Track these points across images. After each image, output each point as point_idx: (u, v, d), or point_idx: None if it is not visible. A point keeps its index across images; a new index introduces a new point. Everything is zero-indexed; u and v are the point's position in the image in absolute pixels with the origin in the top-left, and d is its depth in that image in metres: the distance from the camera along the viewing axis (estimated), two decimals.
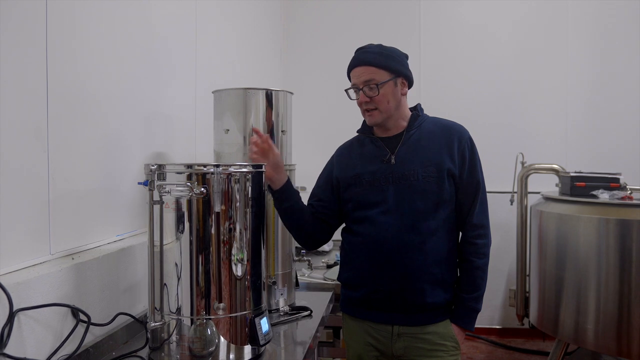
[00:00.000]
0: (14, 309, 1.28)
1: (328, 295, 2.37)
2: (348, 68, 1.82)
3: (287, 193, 1.83)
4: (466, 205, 1.78)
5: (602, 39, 4.48)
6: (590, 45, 4.50)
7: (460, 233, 1.83)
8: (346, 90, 1.82)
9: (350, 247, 1.84)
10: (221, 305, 1.53)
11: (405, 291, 1.72)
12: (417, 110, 1.87)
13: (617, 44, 4.45)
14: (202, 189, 1.50)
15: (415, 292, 1.72)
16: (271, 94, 2.09)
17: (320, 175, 1.96)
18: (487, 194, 1.85)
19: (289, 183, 1.85)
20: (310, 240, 1.94)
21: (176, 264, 1.53)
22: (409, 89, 1.82)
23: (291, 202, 1.84)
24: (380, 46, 1.79)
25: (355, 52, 1.82)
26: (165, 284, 1.54)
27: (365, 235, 1.76)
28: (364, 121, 1.86)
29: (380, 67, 1.73)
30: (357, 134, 1.93)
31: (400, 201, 1.72)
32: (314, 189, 1.96)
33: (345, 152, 1.91)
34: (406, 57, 1.83)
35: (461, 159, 1.76)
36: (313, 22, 4.82)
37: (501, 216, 4.14)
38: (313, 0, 4.81)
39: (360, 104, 1.78)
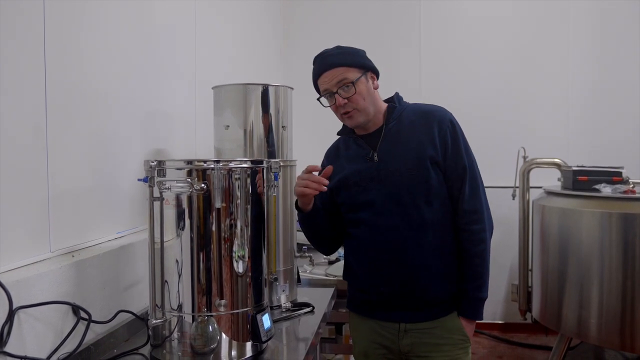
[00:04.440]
0: (14, 306, 1.27)
1: (330, 291, 2.36)
2: (314, 77, 1.76)
3: (314, 214, 1.81)
4: (455, 191, 1.72)
5: (604, 34, 4.46)
6: (591, 40, 4.47)
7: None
8: (318, 99, 1.77)
9: (350, 250, 1.83)
10: (222, 302, 1.53)
11: (409, 289, 1.70)
12: (393, 101, 1.81)
13: (618, 38, 4.43)
14: (203, 185, 1.49)
15: (419, 289, 1.70)
16: (271, 89, 2.08)
17: None
18: (489, 189, 1.82)
19: (316, 205, 1.81)
20: (327, 248, 1.96)
21: (177, 261, 1.52)
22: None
23: (317, 221, 1.83)
24: (339, 47, 1.76)
25: (315, 61, 1.77)
26: (166, 281, 1.53)
27: (361, 238, 1.75)
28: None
29: (348, 65, 1.69)
30: (337, 136, 1.90)
31: (388, 199, 1.69)
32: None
33: (331, 157, 1.88)
34: (364, 52, 1.80)
35: (443, 144, 1.70)
36: (313, 18, 4.80)
37: (503, 211, 4.12)
38: None
39: (336, 109, 1.72)
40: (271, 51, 4.49)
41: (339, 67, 1.69)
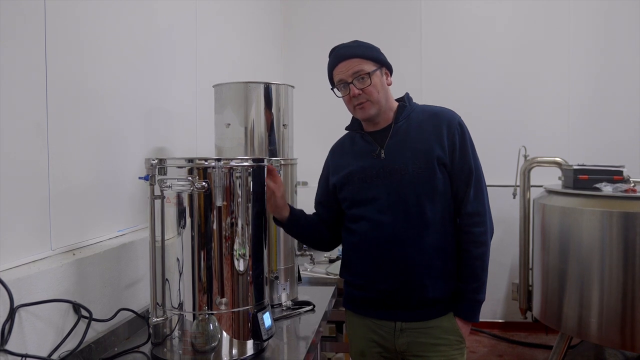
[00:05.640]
0: (15, 305, 1.27)
1: (331, 289, 2.36)
2: (330, 67, 1.78)
3: (292, 222, 1.86)
4: (460, 192, 1.73)
5: (604, 32, 4.45)
6: (592, 38, 4.47)
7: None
8: (332, 89, 1.79)
9: (349, 246, 1.82)
10: (223, 300, 1.53)
11: (407, 288, 1.70)
12: (404, 100, 1.82)
13: (619, 37, 4.43)
14: (204, 183, 1.49)
15: (417, 288, 1.69)
16: (272, 87, 2.07)
17: (319, 177, 1.95)
18: (490, 188, 1.81)
19: (292, 213, 1.85)
20: (323, 245, 1.99)
21: (178, 259, 1.52)
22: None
23: (298, 226, 1.88)
24: (356, 41, 1.78)
25: (331, 52, 1.79)
26: (167, 280, 1.53)
27: (363, 234, 1.74)
28: (352, 118, 1.84)
29: (365, 57, 1.71)
30: (346, 131, 1.90)
31: (393, 196, 1.69)
32: (317, 193, 1.96)
33: (337, 153, 1.89)
34: (379, 48, 1.82)
35: (451, 146, 1.71)
36: (313, 16, 4.79)
37: (504, 210, 4.11)
38: None
39: (350, 100, 1.73)
40: (271, 50, 4.49)
41: (355, 59, 1.71)
